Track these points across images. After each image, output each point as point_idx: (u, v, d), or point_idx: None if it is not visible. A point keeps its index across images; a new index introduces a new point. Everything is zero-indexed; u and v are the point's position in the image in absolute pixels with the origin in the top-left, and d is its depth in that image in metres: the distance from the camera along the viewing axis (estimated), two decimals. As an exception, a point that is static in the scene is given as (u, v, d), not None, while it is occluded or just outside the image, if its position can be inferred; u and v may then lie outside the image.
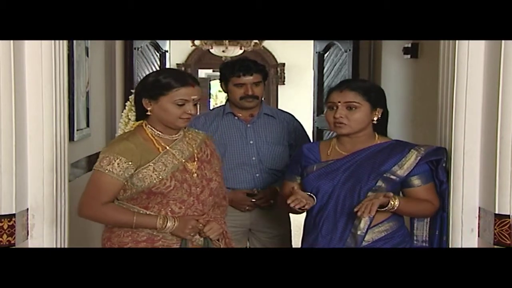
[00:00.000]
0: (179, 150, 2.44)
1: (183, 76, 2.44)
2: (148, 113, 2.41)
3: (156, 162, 2.37)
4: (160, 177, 2.35)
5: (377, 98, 2.53)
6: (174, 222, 2.37)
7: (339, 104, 2.48)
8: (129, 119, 2.49)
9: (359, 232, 2.43)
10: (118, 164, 2.31)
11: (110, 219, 2.39)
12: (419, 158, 2.47)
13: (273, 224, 3.27)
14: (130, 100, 2.51)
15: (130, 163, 2.32)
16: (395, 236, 2.48)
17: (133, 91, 2.50)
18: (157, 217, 2.36)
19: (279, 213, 3.28)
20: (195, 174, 2.44)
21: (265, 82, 3.28)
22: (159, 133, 2.44)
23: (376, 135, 2.57)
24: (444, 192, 2.51)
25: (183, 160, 2.43)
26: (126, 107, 2.52)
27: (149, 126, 2.44)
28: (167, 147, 2.42)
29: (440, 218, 2.54)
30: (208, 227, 2.44)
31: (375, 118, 2.52)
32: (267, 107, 3.41)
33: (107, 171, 2.31)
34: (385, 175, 2.46)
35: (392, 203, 2.38)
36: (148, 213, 2.38)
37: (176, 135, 2.47)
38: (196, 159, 2.47)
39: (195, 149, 2.49)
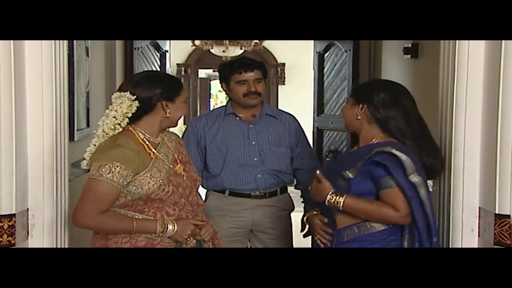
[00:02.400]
0: (164, 154, 2.43)
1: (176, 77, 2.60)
2: (167, 115, 2.39)
3: (152, 168, 2.34)
4: (158, 183, 2.33)
5: (358, 93, 2.51)
6: (174, 226, 2.36)
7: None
8: (120, 124, 2.35)
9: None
10: (118, 172, 2.25)
11: (109, 227, 2.35)
12: (363, 162, 2.39)
13: (274, 225, 3.26)
14: (127, 106, 2.34)
15: (129, 170, 2.28)
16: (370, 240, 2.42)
17: (132, 96, 2.35)
18: (156, 222, 2.35)
19: (280, 214, 3.29)
20: (185, 177, 2.45)
21: (265, 80, 3.28)
22: (149, 137, 2.41)
23: (381, 135, 2.46)
24: (410, 200, 2.32)
25: (171, 165, 2.42)
26: (119, 114, 2.34)
27: (139, 130, 2.40)
28: (155, 152, 2.40)
29: (417, 230, 2.36)
30: (204, 230, 2.45)
31: (357, 113, 2.47)
32: (269, 108, 3.40)
33: (107, 179, 2.25)
34: (342, 173, 2.42)
35: (336, 198, 2.37)
36: (143, 217, 2.36)
37: (158, 138, 2.46)
38: (178, 161, 2.47)
39: (174, 152, 2.49)
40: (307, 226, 3.23)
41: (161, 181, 2.34)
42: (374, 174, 2.36)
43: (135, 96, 2.35)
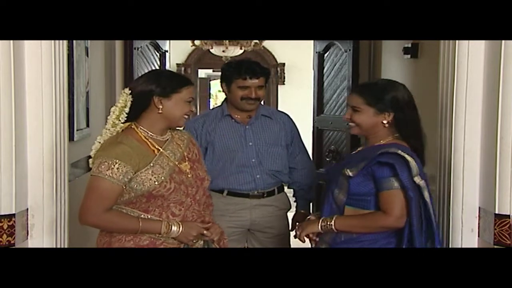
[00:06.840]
0: (171, 151, 2.42)
1: (186, 76, 2.54)
2: (160, 111, 2.37)
3: (154, 165, 2.34)
4: (160, 180, 2.33)
5: (383, 103, 2.42)
6: (179, 227, 2.36)
7: (349, 106, 2.51)
8: (120, 120, 2.37)
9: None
10: (117, 168, 2.26)
11: (115, 226, 2.35)
12: (367, 162, 2.38)
13: (272, 224, 3.27)
14: (122, 100, 2.37)
15: (129, 167, 2.28)
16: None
17: (128, 91, 2.37)
18: (162, 222, 2.35)
19: (278, 214, 3.29)
20: (190, 175, 2.44)
21: (266, 84, 3.28)
22: (152, 134, 2.41)
23: (390, 137, 2.44)
24: (410, 201, 2.30)
25: (176, 162, 2.42)
26: (117, 109, 2.37)
27: (141, 128, 2.40)
28: (161, 149, 2.40)
29: (410, 232, 2.33)
30: (212, 230, 2.46)
31: (385, 121, 2.42)
32: (264, 108, 3.39)
33: (107, 176, 2.26)
34: (344, 170, 2.43)
35: (328, 221, 2.42)
36: (149, 217, 2.36)
37: (166, 136, 2.46)
38: (187, 159, 2.47)
39: (184, 150, 2.48)
40: (297, 225, 3.24)
41: (162, 178, 2.34)
42: (376, 175, 2.35)
43: (130, 91, 2.37)
